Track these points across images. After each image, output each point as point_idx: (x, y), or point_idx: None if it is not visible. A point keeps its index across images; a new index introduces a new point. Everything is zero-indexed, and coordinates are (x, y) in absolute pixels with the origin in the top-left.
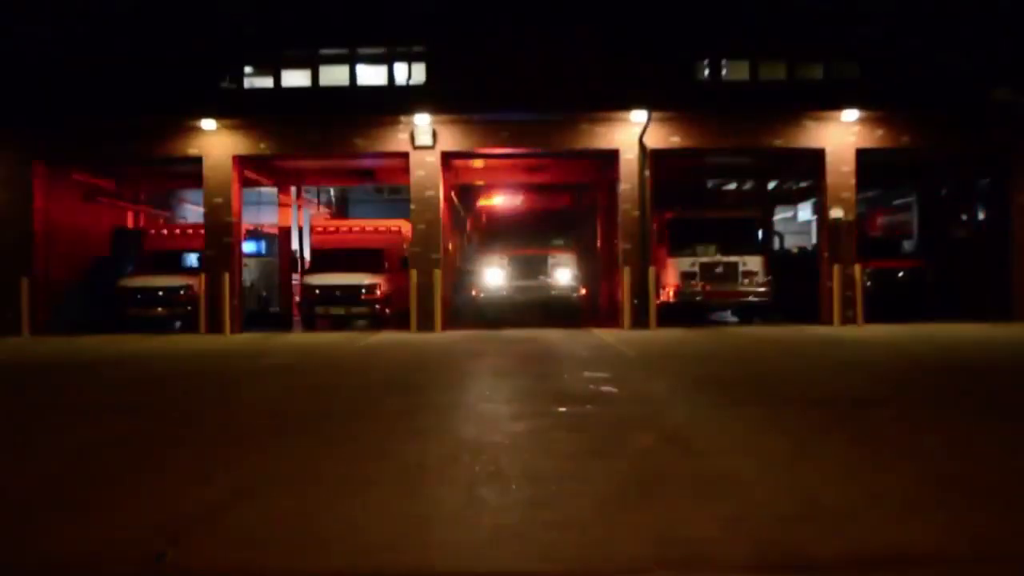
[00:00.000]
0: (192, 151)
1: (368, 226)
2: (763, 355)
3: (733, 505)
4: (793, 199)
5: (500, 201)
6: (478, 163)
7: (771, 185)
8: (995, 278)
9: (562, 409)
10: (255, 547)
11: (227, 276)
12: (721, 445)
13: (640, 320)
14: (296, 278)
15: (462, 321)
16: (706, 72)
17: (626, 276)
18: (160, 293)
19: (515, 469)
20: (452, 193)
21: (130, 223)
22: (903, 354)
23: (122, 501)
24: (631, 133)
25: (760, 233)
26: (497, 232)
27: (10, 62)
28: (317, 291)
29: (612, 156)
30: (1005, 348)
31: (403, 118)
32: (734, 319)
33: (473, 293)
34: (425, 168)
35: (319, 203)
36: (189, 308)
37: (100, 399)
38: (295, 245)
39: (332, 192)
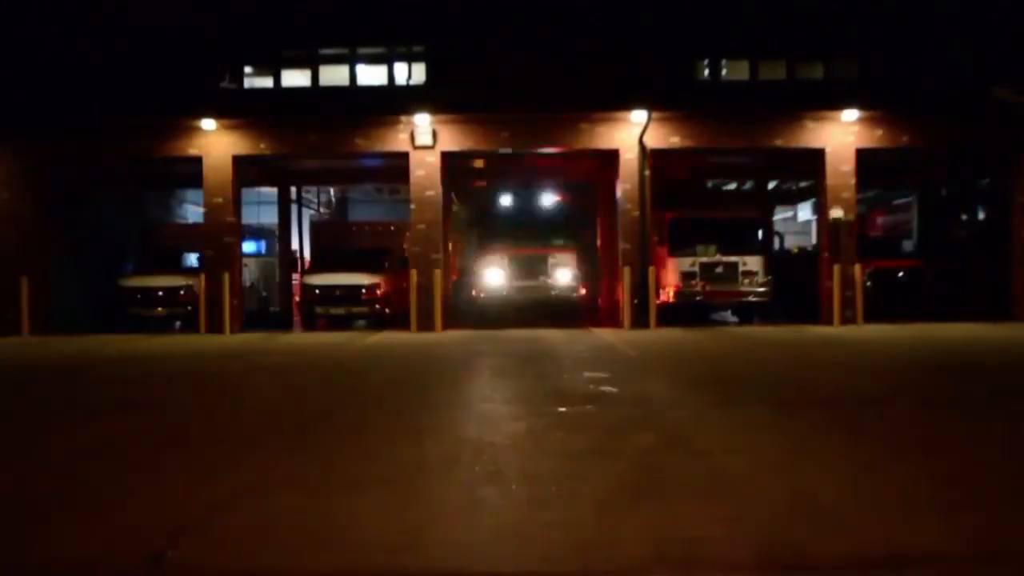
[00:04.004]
0: (192, 151)
1: (368, 226)
2: (763, 355)
3: (733, 505)
4: (793, 199)
5: (500, 201)
6: (478, 163)
7: (771, 185)
8: (995, 278)
9: (562, 409)
10: (255, 547)
11: (227, 276)
12: (721, 444)
13: (640, 320)
14: (296, 278)
15: (462, 321)
16: (706, 72)
17: (626, 276)
18: (160, 293)
19: (515, 469)
20: (452, 193)
21: (130, 223)
22: (903, 354)
23: (121, 500)
24: (631, 133)
25: (760, 233)
26: (497, 232)
27: (10, 61)
28: (317, 291)
29: (612, 156)
30: (1005, 348)
31: (403, 118)
32: (734, 319)
33: (473, 293)
34: (425, 168)
35: (319, 203)
36: (189, 308)
37: (99, 399)
38: (295, 245)
39: (332, 192)
